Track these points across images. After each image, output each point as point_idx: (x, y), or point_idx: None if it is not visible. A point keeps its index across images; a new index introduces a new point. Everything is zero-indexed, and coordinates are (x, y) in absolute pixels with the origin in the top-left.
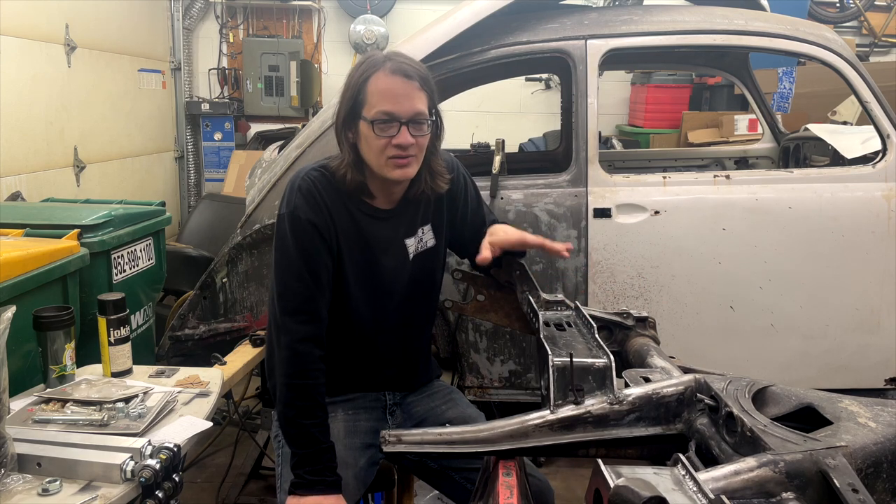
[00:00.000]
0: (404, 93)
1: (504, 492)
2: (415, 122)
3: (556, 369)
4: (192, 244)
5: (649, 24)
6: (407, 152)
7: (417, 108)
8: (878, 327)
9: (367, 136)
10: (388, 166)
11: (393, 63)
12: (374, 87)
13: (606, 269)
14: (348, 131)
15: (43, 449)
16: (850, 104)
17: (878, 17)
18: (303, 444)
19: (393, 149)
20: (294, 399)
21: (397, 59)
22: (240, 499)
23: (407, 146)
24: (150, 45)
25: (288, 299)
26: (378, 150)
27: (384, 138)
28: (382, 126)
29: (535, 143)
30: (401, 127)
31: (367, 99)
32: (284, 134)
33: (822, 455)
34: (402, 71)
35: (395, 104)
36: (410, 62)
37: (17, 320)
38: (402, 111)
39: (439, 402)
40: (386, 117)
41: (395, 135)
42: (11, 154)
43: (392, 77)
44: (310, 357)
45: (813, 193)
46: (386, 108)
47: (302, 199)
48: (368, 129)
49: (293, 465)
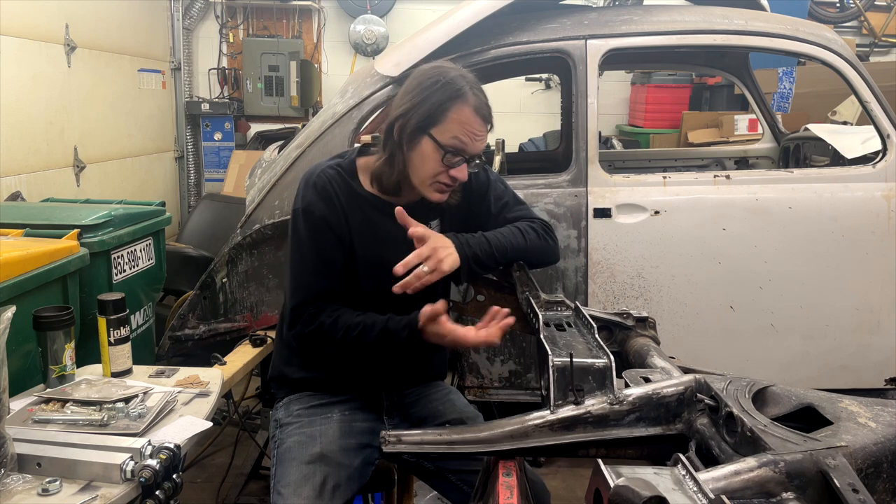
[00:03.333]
0: (480, 134)
1: (504, 492)
2: (473, 160)
3: (556, 369)
4: (192, 244)
5: (649, 24)
6: (455, 184)
7: (482, 149)
8: (879, 327)
9: (428, 155)
10: (432, 189)
11: (477, 100)
12: (457, 117)
13: (606, 269)
14: (411, 139)
15: (43, 449)
16: (850, 104)
17: (878, 17)
18: (373, 337)
19: (447, 177)
20: (344, 343)
21: (479, 95)
22: (240, 499)
23: (459, 181)
24: (150, 45)
25: (303, 292)
26: (433, 172)
27: (444, 166)
28: (451, 158)
29: (535, 143)
30: (463, 162)
31: (444, 123)
32: (284, 134)
33: (823, 455)
34: (484, 113)
35: (470, 141)
36: (487, 101)
37: (17, 320)
38: (473, 149)
39: (438, 403)
40: (458, 149)
41: (456, 167)
42: (11, 154)
43: (476, 116)
44: (324, 319)
45: (813, 193)
46: (462, 141)
47: (316, 195)
48: (434, 150)
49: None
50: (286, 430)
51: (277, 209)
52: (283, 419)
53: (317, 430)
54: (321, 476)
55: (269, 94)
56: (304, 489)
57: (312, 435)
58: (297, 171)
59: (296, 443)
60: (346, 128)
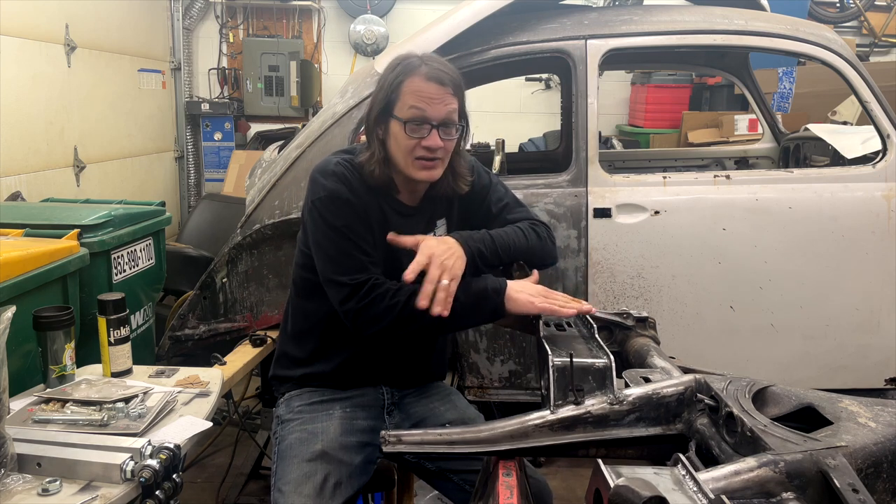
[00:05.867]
0: (438, 97)
1: (504, 492)
2: (444, 126)
3: (556, 369)
4: (192, 244)
5: (649, 24)
6: (434, 154)
7: (448, 112)
8: (879, 327)
9: (398, 134)
10: (415, 167)
11: (429, 68)
12: (409, 89)
13: (606, 269)
14: (378, 127)
15: (43, 449)
16: (850, 104)
17: (878, 17)
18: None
19: (421, 150)
20: (412, 318)
21: (433, 63)
22: (240, 499)
23: (435, 149)
24: (150, 45)
25: (356, 266)
26: (407, 149)
27: (414, 139)
28: (414, 127)
29: (535, 143)
30: (431, 129)
31: (400, 99)
32: (284, 134)
33: (823, 455)
34: (438, 77)
35: (428, 107)
36: (445, 68)
37: (17, 320)
38: (434, 114)
39: (438, 403)
40: (418, 119)
41: (425, 136)
42: (11, 154)
43: (428, 82)
44: (390, 286)
45: (813, 193)
46: (419, 108)
47: (338, 181)
48: (399, 128)
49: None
50: (287, 426)
51: (277, 209)
52: (284, 415)
53: (318, 427)
54: (322, 474)
55: (269, 94)
56: (305, 487)
57: (314, 432)
58: (297, 171)
59: (297, 440)
60: (346, 128)
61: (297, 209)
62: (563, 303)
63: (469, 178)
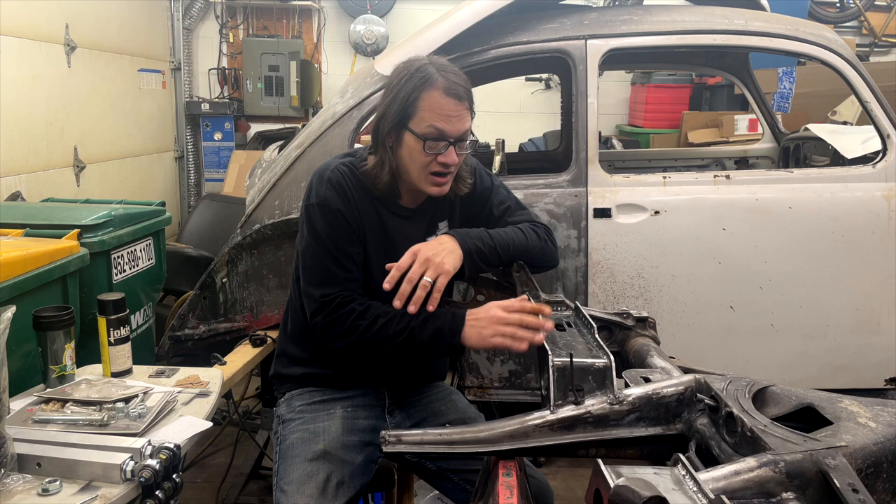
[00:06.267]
0: (456, 114)
1: (504, 492)
2: (460, 142)
3: (556, 369)
4: (192, 244)
5: (649, 24)
6: (448, 170)
7: (465, 128)
8: (879, 327)
9: (413, 149)
10: (428, 182)
11: (447, 81)
12: (427, 104)
13: (606, 269)
14: (390, 137)
15: (43, 449)
16: (850, 104)
17: (878, 17)
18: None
19: (437, 165)
20: (373, 341)
21: (449, 75)
22: (240, 499)
23: (451, 165)
24: (150, 45)
25: (331, 281)
26: (422, 164)
27: (430, 155)
28: (432, 144)
29: (535, 143)
30: (448, 146)
31: (418, 114)
32: (284, 134)
33: (823, 455)
34: (456, 92)
35: (447, 124)
36: (460, 79)
37: (17, 320)
38: (453, 132)
39: (439, 403)
40: (437, 135)
41: (441, 152)
42: (11, 154)
43: (447, 97)
44: (356, 307)
45: (813, 193)
46: (438, 127)
47: (332, 190)
48: (416, 142)
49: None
50: (288, 426)
51: (277, 209)
52: (285, 415)
53: (320, 427)
54: (325, 473)
55: (269, 94)
56: (307, 486)
57: (315, 431)
58: (297, 171)
59: (298, 439)
60: (346, 128)
61: (297, 209)
62: (520, 335)
63: (469, 179)
